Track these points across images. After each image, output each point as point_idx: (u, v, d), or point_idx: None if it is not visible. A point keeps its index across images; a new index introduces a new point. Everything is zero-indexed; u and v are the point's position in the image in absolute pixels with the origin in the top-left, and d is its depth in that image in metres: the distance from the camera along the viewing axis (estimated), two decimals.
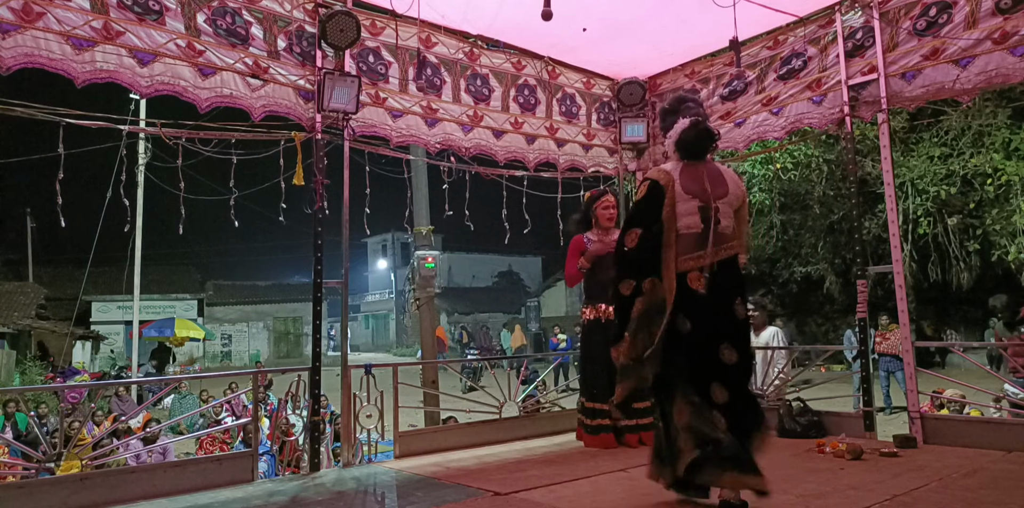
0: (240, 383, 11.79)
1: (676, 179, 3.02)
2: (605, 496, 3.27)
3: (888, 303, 8.80)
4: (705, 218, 2.98)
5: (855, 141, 4.94)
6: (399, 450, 4.51)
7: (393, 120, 4.73)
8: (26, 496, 3.29)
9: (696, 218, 2.99)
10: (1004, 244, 11.67)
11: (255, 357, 30.52)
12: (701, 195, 3.01)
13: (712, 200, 3.01)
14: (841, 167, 11.40)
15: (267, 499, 3.51)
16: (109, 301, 26.78)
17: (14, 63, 3.29)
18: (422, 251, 10.92)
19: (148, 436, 7.61)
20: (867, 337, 4.68)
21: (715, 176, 3.09)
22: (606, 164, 5.98)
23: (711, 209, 2.99)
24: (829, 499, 3.06)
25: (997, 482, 3.27)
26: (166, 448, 7.79)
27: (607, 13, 4.78)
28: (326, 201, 4.28)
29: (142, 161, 14.47)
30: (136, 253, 16.16)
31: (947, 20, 4.23)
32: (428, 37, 4.90)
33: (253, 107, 4.09)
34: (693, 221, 2.98)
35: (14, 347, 18.49)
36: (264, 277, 38.12)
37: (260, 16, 4.17)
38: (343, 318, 4.57)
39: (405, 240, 38.08)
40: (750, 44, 5.27)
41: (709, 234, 2.97)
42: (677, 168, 3.08)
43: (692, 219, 2.99)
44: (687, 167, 3.08)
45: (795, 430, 4.61)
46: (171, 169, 4.37)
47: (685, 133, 3.09)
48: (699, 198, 3.00)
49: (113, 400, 12.58)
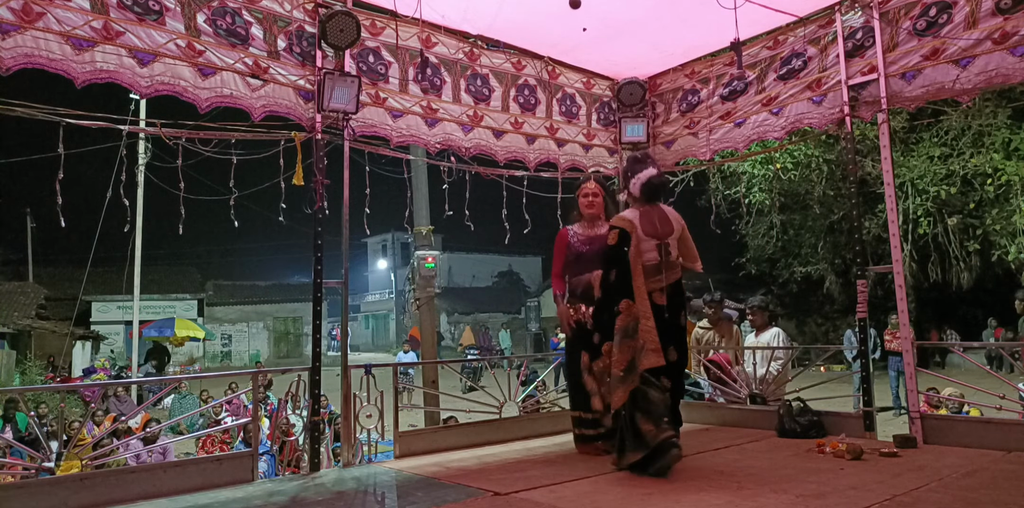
0: (240, 383, 11.80)
1: (638, 225, 3.89)
2: (605, 496, 3.27)
3: (888, 303, 8.80)
4: (660, 253, 3.91)
5: (855, 141, 4.94)
6: (399, 450, 4.51)
7: (393, 120, 4.73)
8: (26, 496, 3.28)
9: (654, 253, 3.90)
10: (1004, 244, 11.68)
11: (255, 357, 30.55)
12: (656, 235, 3.92)
13: (663, 238, 3.93)
14: (841, 167, 11.40)
15: (267, 499, 3.51)
16: (109, 301, 26.81)
17: (14, 63, 3.28)
18: (422, 251, 10.93)
19: (148, 436, 7.61)
20: (867, 337, 4.68)
21: (663, 218, 3.98)
22: (606, 164, 5.98)
23: (664, 245, 3.92)
24: (829, 499, 3.06)
25: (997, 482, 3.27)
26: (166, 448, 7.80)
27: (607, 13, 4.78)
28: (326, 201, 4.28)
29: (142, 161, 14.49)
30: (136, 253, 16.18)
31: (947, 20, 4.23)
32: (428, 37, 4.89)
33: (253, 107, 4.09)
34: (652, 255, 3.90)
35: (14, 347, 18.51)
36: (264, 277, 38.17)
37: (260, 16, 4.17)
38: (343, 318, 4.56)
39: (405, 240, 38.11)
40: (750, 44, 5.27)
41: (662, 264, 3.89)
42: (636, 215, 3.93)
43: (651, 254, 3.90)
44: (645, 212, 3.94)
45: (795, 430, 4.60)
46: (171, 169, 4.36)
47: (653, 179, 3.95)
48: (655, 238, 3.91)
49: (112, 400, 12.58)
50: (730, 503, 3.05)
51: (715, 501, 3.08)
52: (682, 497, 3.19)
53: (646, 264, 3.88)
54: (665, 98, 5.95)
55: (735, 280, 19.44)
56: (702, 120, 5.64)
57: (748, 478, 3.50)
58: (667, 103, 5.93)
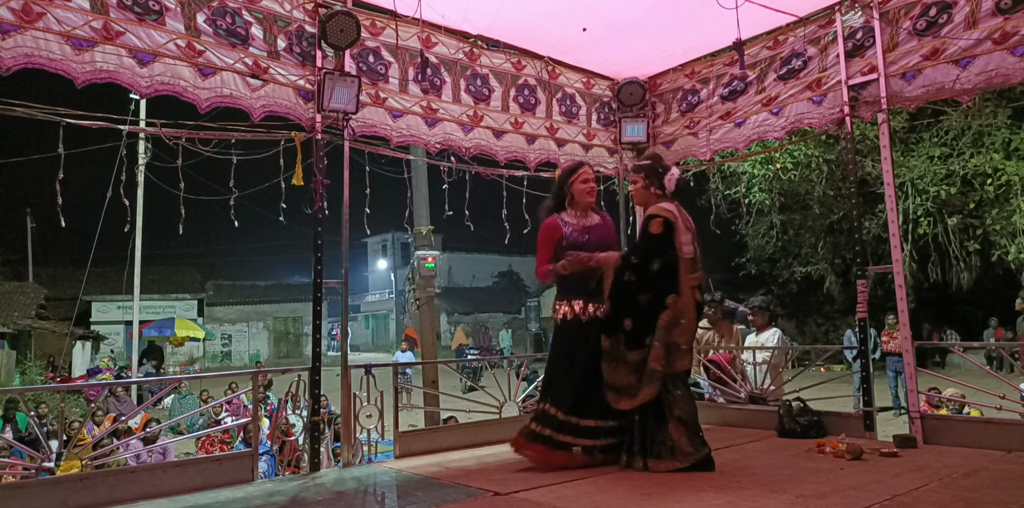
0: (240, 383, 11.79)
1: (678, 216, 3.77)
2: (605, 496, 3.27)
3: (888, 303, 8.80)
4: (695, 247, 3.80)
5: (855, 141, 4.94)
6: (399, 450, 4.51)
7: (393, 120, 4.73)
8: (26, 496, 3.28)
9: (691, 247, 3.78)
10: (1004, 244, 11.68)
11: (255, 357, 30.55)
12: (692, 229, 3.84)
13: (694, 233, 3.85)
14: (841, 167, 11.39)
15: (267, 499, 3.51)
16: (109, 301, 26.82)
17: (14, 63, 3.28)
18: (422, 251, 10.93)
19: (148, 436, 7.61)
20: (867, 337, 4.67)
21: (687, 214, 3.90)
22: (606, 164, 5.98)
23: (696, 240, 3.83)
24: (829, 499, 3.06)
25: (997, 482, 3.27)
26: (166, 448, 7.79)
27: (607, 13, 4.78)
28: (326, 201, 4.28)
29: (142, 161, 14.47)
30: (136, 253, 16.17)
31: (947, 20, 4.23)
32: (428, 37, 4.89)
33: (253, 107, 4.09)
34: (690, 249, 3.77)
35: (14, 347, 18.51)
36: (264, 277, 38.18)
37: (260, 16, 4.17)
38: (343, 318, 4.56)
39: (405, 240, 38.10)
40: (750, 44, 5.27)
41: (698, 260, 3.80)
42: (674, 207, 3.82)
43: (690, 247, 3.78)
44: (679, 206, 3.85)
45: (795, 430, 4.60)
46: (171, 169, 4.36)
47: (682, 179, 3.94)
48: (691, 231, 3.82)
49: (111, 400, 12.58)
50: (730, 503, 3.05)
51: (715, 501, 3.08)
52: (682, 497, 3.19)
53: (685, 257, 3.75)
54: (665, 98, 5.95)
55: (735, 280, 19.45)
56: (702, 120, 5.64)
57: (748, 478, 3.50)
58: (667, 103, 5.93)
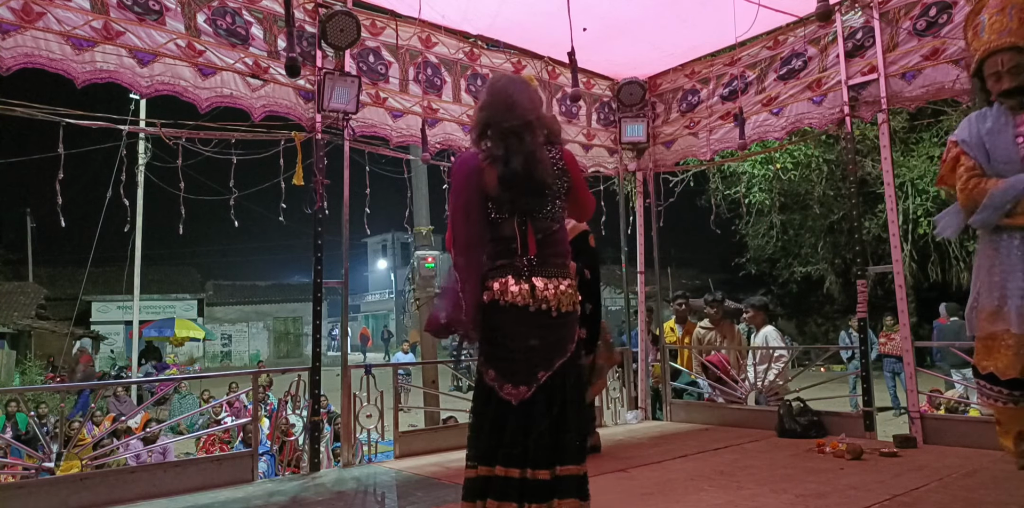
0: (240, 383, 11.79)
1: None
2: (605, 496, 3.26)
3: (888, 303, 8.80)
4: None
5: (855, 141, 4.94)
6: (399, 450, 4.51)
7: (393, 120, 4.73)
8: (26, 496, 3.29)
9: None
10: None
11: (255, 357, 30.53)
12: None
13: None
14: (841, 167, 11.38)
15: (267, 499, 3.51)
16: (109, 301, 26.80)
17: (14, 63, 3.29)
18: (422, 251, 10.94)
19: (148, 436, 7.61)
20: (867, 337, 4.67)
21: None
22: (606, 164, 5.98)
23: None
24: (829, 499, 3.06)
25: (997, 482, 3.27)
26: (166, 448, 7.78)
27: (607, 13, 4.78)
28: (326, 201, 4.28)
29: (142, 161, 14.44)
30: (136, 253, 16.15)
31: (947, 20, 4.23)
32: (428, 37, 4.89)
33: (253, 107, 4.09)
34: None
35: (14, 347, 18.51)
36: (264, 277, 38.18)
37: (260, 16, 4.16)
38: (343, 318, 4.55)
39: (405, 240, 38.03)
40: (750, 44, 5.28)
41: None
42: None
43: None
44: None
45: (795, 430, 4.61)
46: (171, 169, 4.36)
47: None
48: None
49: (111, 400, 12.56)
50: (730, 503, 3.05)
51: (715, 501, 3.08)
52: (682, 497, 3.19)
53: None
54: (665, 98, 5.95)
55: (735, 280, 19.45)
56: (702, 120, 5.64)
57: (748, 478, 3.50)
58: (667, 103, 5.93)
